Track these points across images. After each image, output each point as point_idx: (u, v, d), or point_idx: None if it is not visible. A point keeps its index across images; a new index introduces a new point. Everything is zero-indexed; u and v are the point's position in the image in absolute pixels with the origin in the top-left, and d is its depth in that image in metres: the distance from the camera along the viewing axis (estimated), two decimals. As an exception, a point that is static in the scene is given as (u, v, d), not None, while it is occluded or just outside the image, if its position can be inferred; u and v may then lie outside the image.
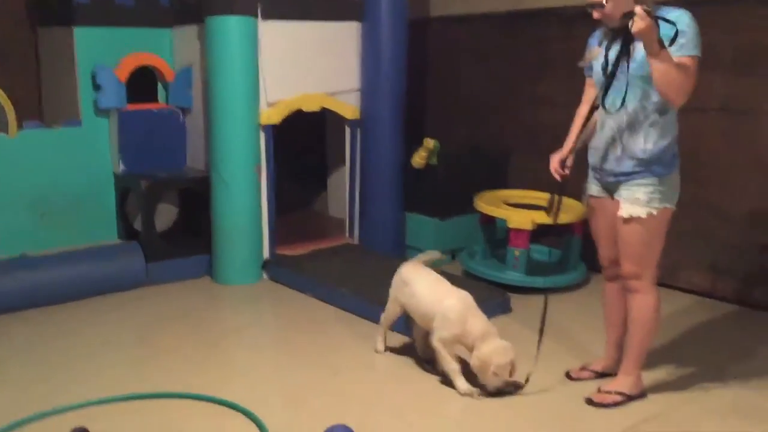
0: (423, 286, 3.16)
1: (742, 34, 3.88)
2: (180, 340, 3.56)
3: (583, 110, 2.97)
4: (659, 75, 2.52)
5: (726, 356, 3.40)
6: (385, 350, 3.41)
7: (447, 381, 3.04)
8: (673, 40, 2.52)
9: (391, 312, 3.34)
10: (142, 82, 4.70)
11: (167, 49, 4.82)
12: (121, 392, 2.97)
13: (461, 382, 2.97)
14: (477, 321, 2.95)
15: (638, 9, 2.43)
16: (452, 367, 2.99)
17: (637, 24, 2.42)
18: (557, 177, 3.01)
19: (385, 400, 2.96)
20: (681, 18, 2.57)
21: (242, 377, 3.22)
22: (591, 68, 2.85)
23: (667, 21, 2.51)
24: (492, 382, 2.89)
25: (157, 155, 4.70)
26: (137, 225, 4.62)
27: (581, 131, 2.93)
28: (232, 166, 4.27)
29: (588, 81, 2.97)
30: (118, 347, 3.54)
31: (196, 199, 4.58)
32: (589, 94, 2.95)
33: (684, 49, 2.56)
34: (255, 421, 2.74)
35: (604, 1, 2.61)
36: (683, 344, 3.55)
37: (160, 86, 4.82)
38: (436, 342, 3.01)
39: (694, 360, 3.34)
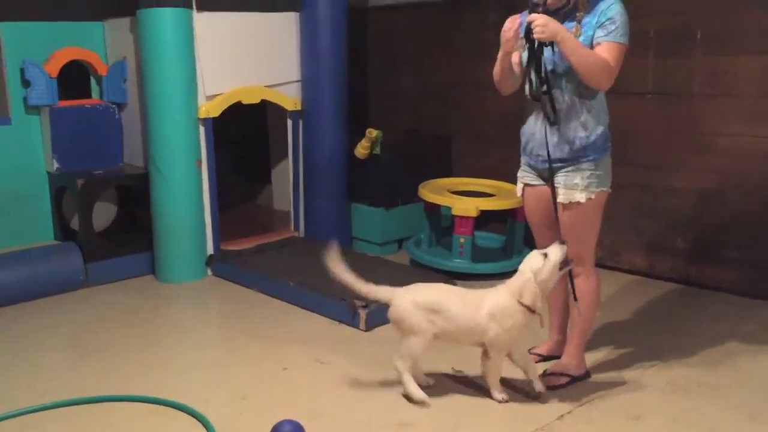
0: (457, 305, 2.79)
1: (671, 18, 3.98)
2: (122, 341, 3.48)
3: (498, 72, 2.88)
4: (579, 66, 2.60)
5: (665, 334, 3.49)
6: (428, 384, 2.96)
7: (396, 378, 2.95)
8: (600, 26, 2.63)
9: (420, 347, 2.78)
10: (74, 78, 4.57)
11: (99, 42, 4.69)
12: (60, 398, 2.88)
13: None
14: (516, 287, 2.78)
15: (532, 17, 2.53)
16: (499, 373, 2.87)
17: (537, 32, 2.53)
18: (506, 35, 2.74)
19: (334, 395, 2.94)
20: (610, 6, 2.65)
21: (187, 376, 3.16)
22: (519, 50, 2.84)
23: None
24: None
25: (92, 152, 4.58)
26: (74, 224, 4.49)
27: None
28: (171, 162, 4.18)
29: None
30: (57, 351, 3.43)
31: (135, 196, 4.48)
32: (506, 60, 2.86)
33: (611, 36, 2.64)
34: (201, 420, 2.70)
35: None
36: (624, 324, 3.64)
37: (93, 81, 4.69)
38: (496, 343, 2.78)
39: (634, 339, 3.42)
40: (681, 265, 4.15)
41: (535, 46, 2.65)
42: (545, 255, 2.73)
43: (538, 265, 2.72)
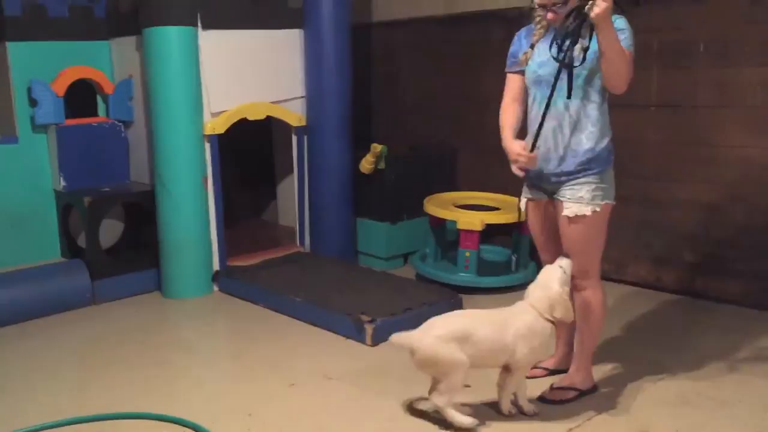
0: (484, 328, 2.71)
1: (674, 31, 3.99)
2: (129, 358, 3.49)
3: (509, 107, 2.93)
4: (614, 56, 2.55)
5: (672, 347, 3.47)
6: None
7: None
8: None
9: (460, 379, 2.69)
10: (81, 96, 4.60)
11: (106, 61, 4.72)
12: (66, 415, 2.88)
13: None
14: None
15: None
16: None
17: (600, 5, 2.44)
18: (521, 164, 2.79)
19: (341, 411, 2.93)
20: (618, 20, 2.65)
21: (194, 392, 3.16)
22: (524, 67, 2.86)
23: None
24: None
25: (98, 170, 4.60)
26: (81, 242, 4.51)
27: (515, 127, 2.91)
28: (177, 179, 4.20)
29: (511, 77, 2.95)
30: (64, 368, 3.44)
31: (142, 213, 4.50)
32: (513, 91, 2.92)
33: (623, 42, 2.63)
34: (208, 437, 2.70)
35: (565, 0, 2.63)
36: (631, 337, 3.62)
37: (99, 99, 4.72)
38: (523, 364, 2.76)
39: (642, 351, 3.41)
40: (687, 278, 4.14)
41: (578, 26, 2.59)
42: (561, 267, 2.74)
43: (563, 278, 2.73)
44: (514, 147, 2.78)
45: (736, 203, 3.91)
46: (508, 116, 2.93)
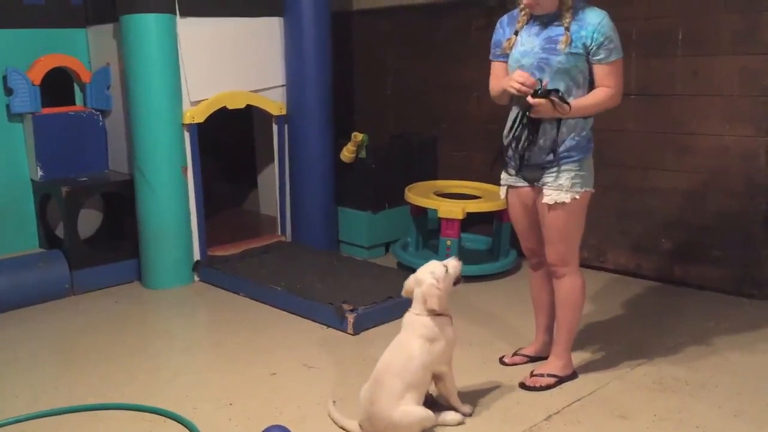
0: (402, 358, 2.64)
1: (653, 20, 4.01)
2: (108, 349, 3.46)
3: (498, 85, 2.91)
4: (587, 114, 2.75)
5: (651, 333, 3.51)
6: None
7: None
8: (600, 46, 2.68)
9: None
10: (58, 85, 4.54)
11: (83, 49, 4.67)
12: (46, 407, 2.86)
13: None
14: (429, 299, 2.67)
15: (529, 99, 2.62)
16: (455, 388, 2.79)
17: (535, 110, 2.65)
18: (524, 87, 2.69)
19: (322, 400, 2.93)
20: (602, 22, 2.68)
21: (175, 383, 3.15)
22: (507, 56, 2.88)
23: (562, 99, 2.65)
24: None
25: (76, 159, 4.55)
26: (59, 232, 4.47)
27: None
28: (156, 168, 4.17)
29: (495, 64, 2.95)
30: (43, 359, 3.41)
31: (121, 203, 4.46)
32: (499, 78, 2.90)
33: (613, 54, 2.71)
34: (188, 426, 2.69)
35: None
36: (610, 323, 3.66)
37: (76, 88, 4.66)
38: (443, 365, 2.70)
39: (621, 338, 3.44)
40: (666, 265, 4.18)
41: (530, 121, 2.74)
42: (445, 267, 2.68)
43: (440, 272, 2.65)
44: (515, 76, 2.71)
45: (713, 191, 3.95)
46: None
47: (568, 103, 2.66)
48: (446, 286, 2.67)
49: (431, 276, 2.65)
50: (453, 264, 2.71)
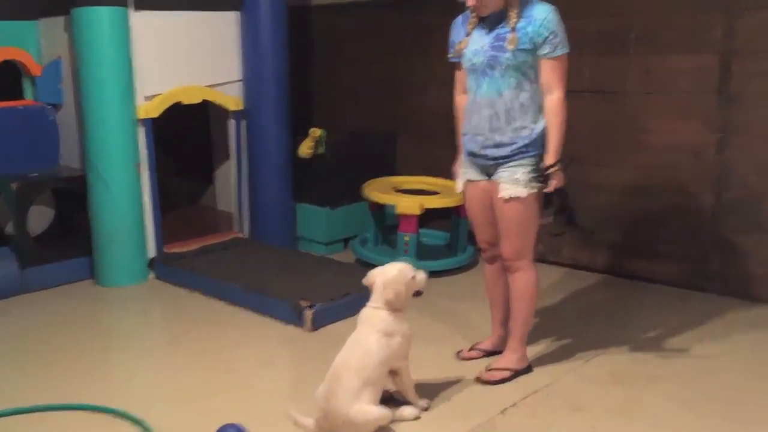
0: (359, 353, 2.66)
1: (607, 19, 4.08)
2: (61, 349, 3.39)
3: (462, 103, 3.02)
4: (564, 130, 2.84)
5: (604, 326, 3.58)
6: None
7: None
8: (545, 40, 2.72)
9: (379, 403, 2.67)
10: (6, 78, 4.42)
11: (33, 42, 4.55)
12: (-4, 408, 2.80)
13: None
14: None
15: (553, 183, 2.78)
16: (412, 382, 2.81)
17: (553, 183, 2.80)
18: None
19: (280, 397, 2.92)
20: (548, 17, 2.72)
21: (129, 382, 3.10)
22: (461, 56, 2.90)
23: (540, 174, 2.79)
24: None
25: (27, 154, 4.44)
26: (9, 229, 4.35)
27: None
28: (109, 164, 4.10)
29: (457, 66, 3.01)
30: (-7, 361, 3.33)
31: (73, 199, 4.37)
32: (462, 83, 3.01)
33: (558, 49, 2.75)
34: (143, 426, 2.65)
35: None
36: (564, 316, 3.72)
37: (26, 82, 4.55)
38: (403, 360, 2.73)
39: (575, 331, 3.50)
40: (619, 259, 4.26)
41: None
42: (414, 273, 2.71)
43: (407, 272, 2.69)
44: (457, 166, 3.05)
45: (664, 186, 4.04)
46: (461, 114, 3.04)
47: (561, 159, 2.79)
48: (408, 289, 2.70)
49: (398, 271, 2.68)
50: (421, 275, 2.75)
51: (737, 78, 3.73)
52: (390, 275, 2.67)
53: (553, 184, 2.78)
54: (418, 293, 2.77)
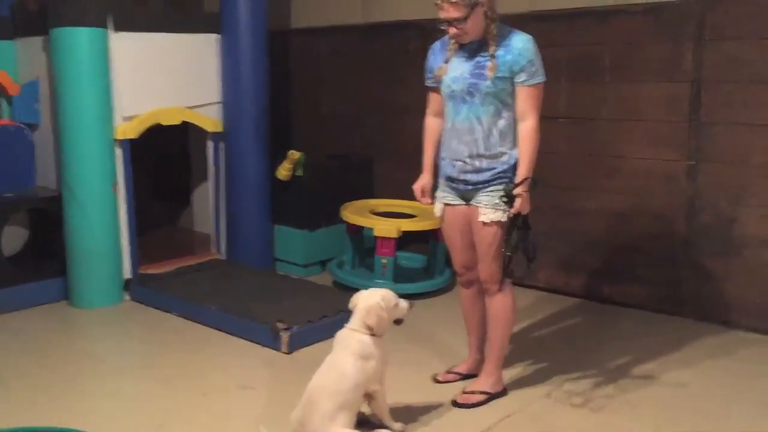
0: (333, 376, 2.67)
1: (583, 47, 4.16)
2: (34, 371, 3.35)
3: (433, 125, 3.07)
4: (535, 155, 2.84)
5: (579, 349, 3.60)
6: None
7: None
8: (522, 68, 2.77)
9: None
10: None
11: (10, 61, 4.54)
12: (-35, 433, 2.75)
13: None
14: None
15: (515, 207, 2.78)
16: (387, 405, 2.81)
17: (517, 208, 2.79)
18: (424, 203, 3.17)
19: (255, 420, 2.90)
20: (526, 47, 2.78)
21: (103, 406, 3.06)
22: (440, 82, 2.95)
23: (506, 195, 2.81)
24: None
25: (2, 174, 4.38)
26: (-18, 250, 4.30)
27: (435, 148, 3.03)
28: (86, 184, 4.08)
29: (431, 91, 3.05)
30: (-37, 383, 3.28)
31: (48, 220, 4.33)
32: (434, 106, 3.05)
33: (535, 77, 2.80)
34: (116, 451, 2.62)
35: (465, 16, 2.71)
36: (540, 340, 3.74)
37: (3, 101, 4.52)
38: (379, 383, 2.73)
39: (550, 355, 3.52)
40: (594, 283, 4.31)
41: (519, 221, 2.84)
42: (398, 302, 2.75)
43: (391, 300, 2.72)
44: (416, 192, 3.14)
45: (638, 212, 4.10)
46: (429, 135, 3.09)
47: (526, 179, 2.80)
48: (389, 315, 2.72)
49: (381, 298, 2.70)
50: (403, 303, 2.77)
51: (707, 106, 3.82)
52: (373, 301, 2.69)
53: (516, 207, 2.79)
54: (398, 321, 2.79)
